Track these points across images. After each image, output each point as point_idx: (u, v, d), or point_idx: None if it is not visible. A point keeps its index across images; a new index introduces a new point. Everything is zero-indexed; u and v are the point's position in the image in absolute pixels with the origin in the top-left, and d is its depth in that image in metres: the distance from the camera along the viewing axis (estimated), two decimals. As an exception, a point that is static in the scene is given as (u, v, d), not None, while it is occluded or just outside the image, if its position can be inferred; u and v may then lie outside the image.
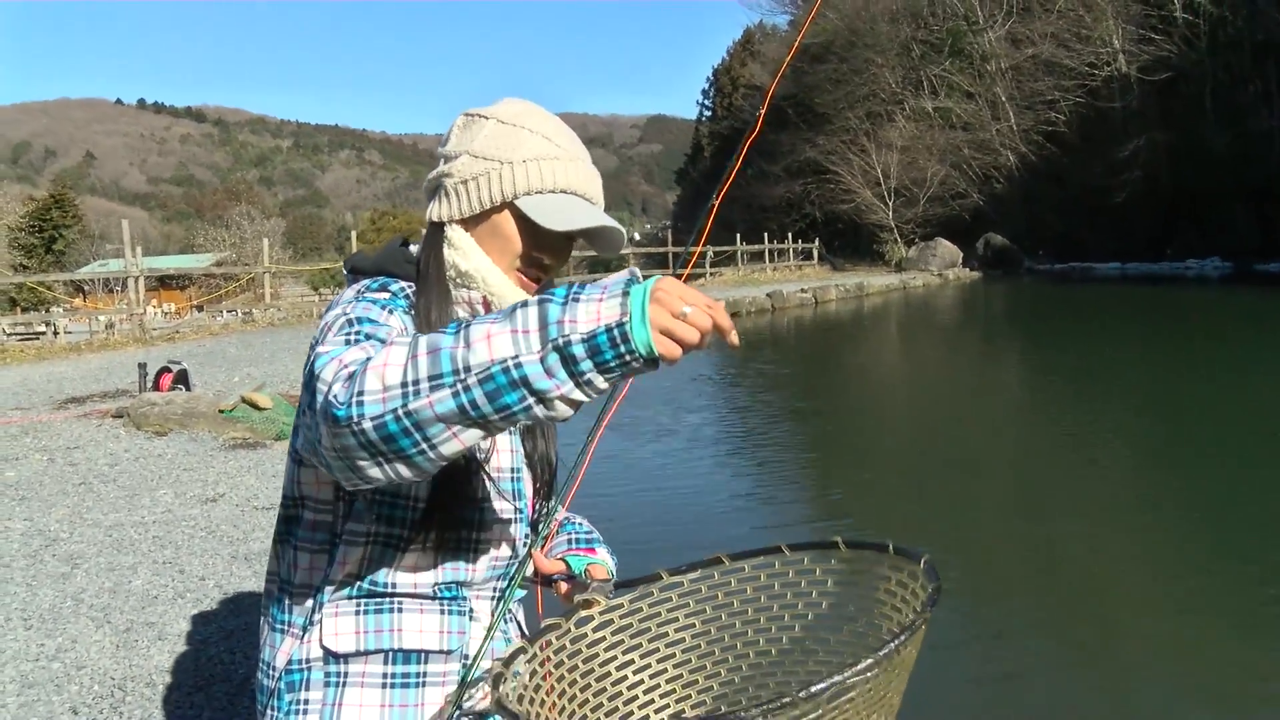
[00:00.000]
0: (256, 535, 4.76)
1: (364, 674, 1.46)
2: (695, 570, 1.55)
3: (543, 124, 1.51)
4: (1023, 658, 3.72)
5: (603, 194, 1.55)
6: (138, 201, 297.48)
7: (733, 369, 13.64)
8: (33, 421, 8.38)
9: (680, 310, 1.06)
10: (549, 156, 1.47)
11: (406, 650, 1.47)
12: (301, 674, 1.46)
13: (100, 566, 4.28)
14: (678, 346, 1.06)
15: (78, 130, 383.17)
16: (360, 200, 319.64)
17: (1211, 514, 5.64)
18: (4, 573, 4.21)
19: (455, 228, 1.49)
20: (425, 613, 1.48)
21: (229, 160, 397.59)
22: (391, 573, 1.46)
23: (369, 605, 1.47)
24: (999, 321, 23.02)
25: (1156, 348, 15.04)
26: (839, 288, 29.83)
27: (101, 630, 3.49)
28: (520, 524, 1.58)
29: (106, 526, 4.97)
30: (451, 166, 1.49)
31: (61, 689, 2.99)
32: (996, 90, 51.01)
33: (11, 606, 3.76)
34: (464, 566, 1.50)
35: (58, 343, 18.91)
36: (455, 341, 1.09)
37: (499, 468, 1.54)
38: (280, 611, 1.52)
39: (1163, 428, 8.50)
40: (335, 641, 1.45)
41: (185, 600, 3.82)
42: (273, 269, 24.94)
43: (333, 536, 1.48)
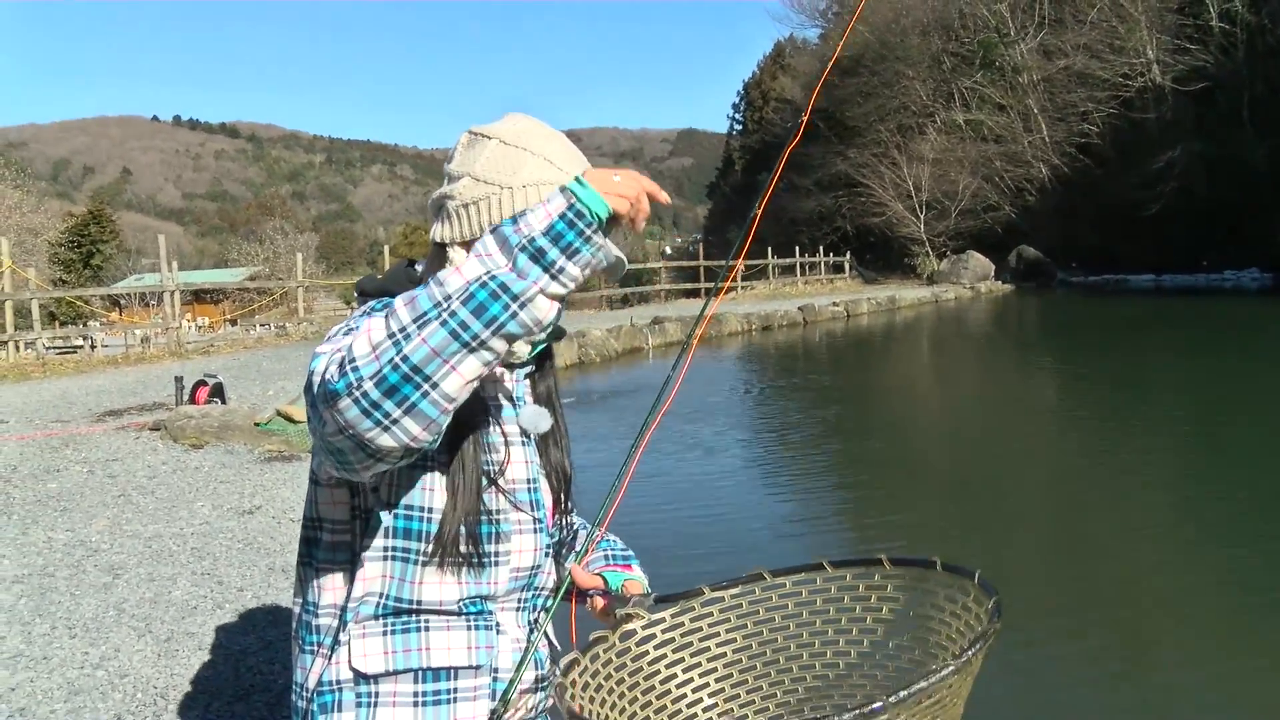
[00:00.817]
0: (293, 547, 4.77)
1: (395, 694, 1.47)
2: (737, 586, 1.55)
3: (544, 145, 1.50)
4: (1058, 669, 3.69)
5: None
6: (173, 217, 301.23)
7: (769, 383, 13.63)
8: (72, 434, 8.50)
9: (612, 179, 1.21)
10: (549, 181, 1.46)
11: (435, 668, 1.48)
12: (333, 695, 1.47)
13: (140, 577, 4.33)
14: (623, 200, 1.21)
15: (115, 147, 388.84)
16: (392, 215, 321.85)
17: (1250, 525, 5.57)
18: (49, 582, 4.27)
19: (457, 249, 1.50)
20: (452, 629, 1.49)
21: (262, 175, 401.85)
22: (414, 588, 1.47)
23: (396, 625, 1.48)
24: (1033, 335, 22.84)
25: (1194, 359, 14.86)
26: (871, 301, 29.71)
27: (143, 640, 3.53)
28: (540, 534, 1.59)
29: (146, 538, 5.03)
30: (454, 188, 1.49)
31: (106, 696, 3.03)
32: (1029, 102, 50.69)
33: (56, 615, 3.82)
34: (486, 579, 1.50)
35: (95, 356, 19.17)
36: (427, 287, 1.16)
37: (514, 479, 1.55)
38: (307, 633, 1.54)
39: (1202, 440, 8.42)
40: (365, 663, 1.46)
41: (224, 611, 3.86)
42: (306, 283, 25.18)
43: (353, 556, 1.49)
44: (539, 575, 1.61)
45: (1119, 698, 3.38)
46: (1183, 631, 4.09)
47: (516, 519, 1.54)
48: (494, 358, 1.18)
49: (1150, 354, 16.06)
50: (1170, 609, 4.35)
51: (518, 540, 1.54)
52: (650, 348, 18.70)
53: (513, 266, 1.14)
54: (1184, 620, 4.23)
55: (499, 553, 1.51)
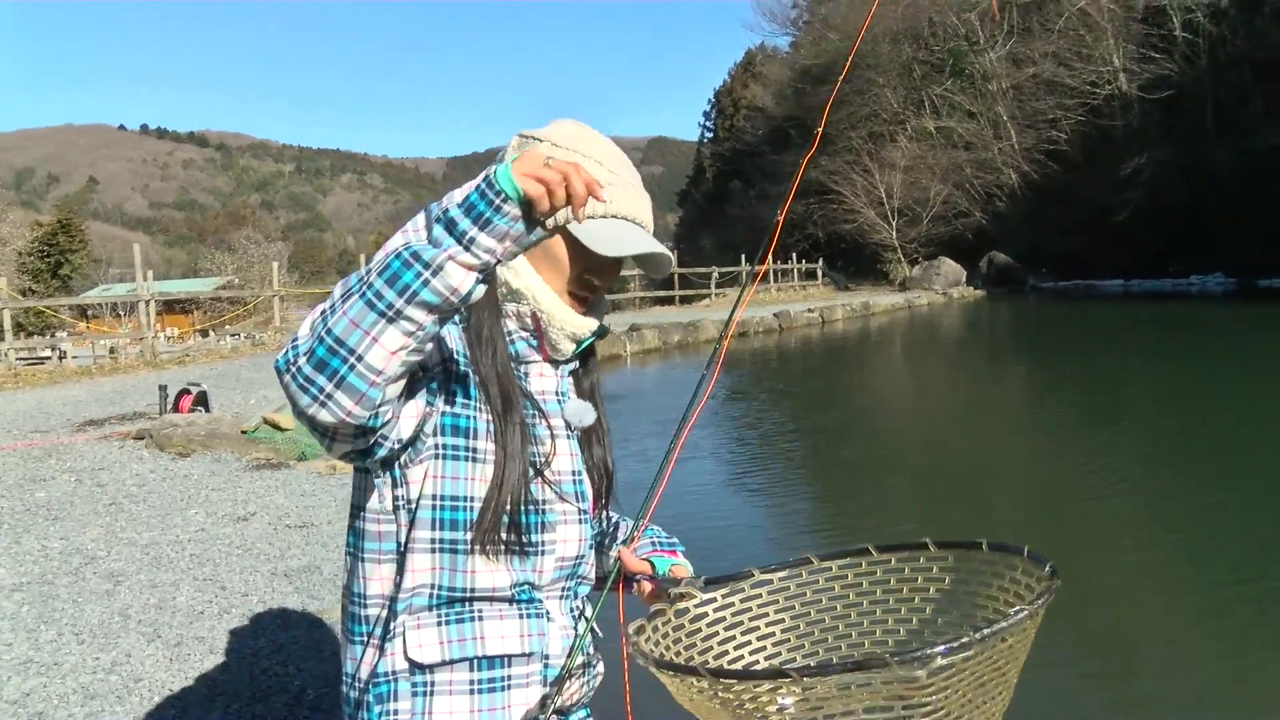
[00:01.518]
0: (292, 553, 4.79)
1: (451, 682, 1.50)
2: (784, 569, 1.59)
3: (596, 148, 1.56)
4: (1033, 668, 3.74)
5: (652, 218, 1.60)
6: (140, 226, 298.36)
7: (750, 388, 13.70)
8: (54, 444, 8.42)
9: (543, 160, 1.15)
10: (603, 183, 1.52)
11: (491, 656, 1.51)
12: (389, 685, 1.50)
13: (142, 583, 4.32)
14: (540, 185, 1.14)
15: (81, 156, 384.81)
16: (362, 224, 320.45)
17: (1224, 523, 5.68)
18: (49, 590, 4.25)
19: None
20: (505, 618, 1.52)
21: (231, 185, 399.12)
22: (466, 578, 1.50)
23: (449, 615, 1.50)
24: (1006, 339, 23.07)
25: (1162, 362, 15.09)
26: (845, 307, 29.89)
27: (153, 644, 3.52)
28: (585, 525, 1.62)
29: (142, 545, 5.01)
30: None
31: (122, 700, 3.03)
32: (998, 109, 51.24)
33: (62, 622, 3.80)
34: (532, 568, 1.53)
35: (68, 367, 18.96)
36: (360, 272, 1.19)
37: (559, 471, 1.58)
38: (357, 624, 1.56)
39: (1172, 440, 8.54)
40: (420, 653, 1.49)
41: (231, 616, 3.85)
42: (282, 292, 25.03)
43: (398, 546, 1.52)
44: (582, 565, 1.64)
45: (1095, 695, 3.42)
46: (1156, 628, 4.17)
47: (562, 510, 1.58)
48: (415, 328, 1.19)
49: (1119, 357, 16.28)
50: (1143, 607, 4.42)
51: (563, 530, 1.58)
52: (629, 354, 18.74)
53: (429, 236, 1.16)
54: (1157, 617, 4.31)
55: (545, 542, 1.55)
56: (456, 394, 1.46)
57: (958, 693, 1.12)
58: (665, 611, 1.52)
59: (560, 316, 1.54)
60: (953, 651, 1.06)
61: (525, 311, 1.54)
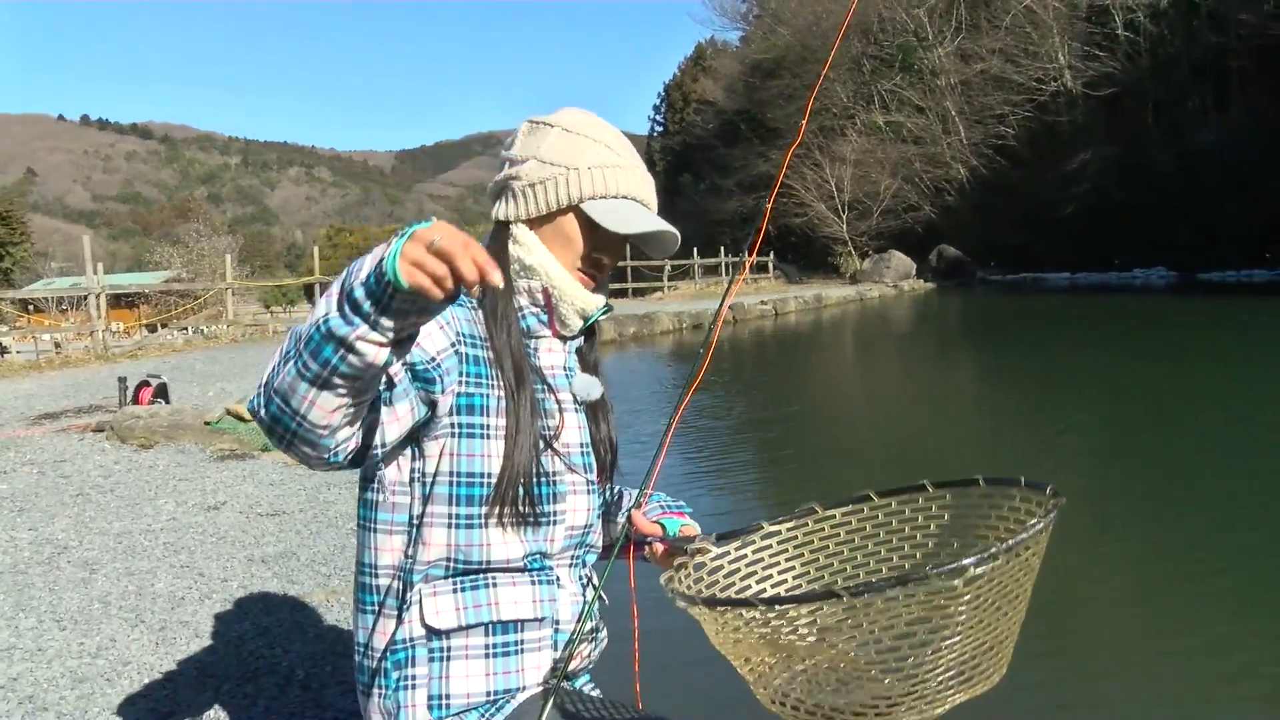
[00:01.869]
0: (267, 540, 4.81)
1: (467, 647, 1.58)
2: (791, 520, 1.66)
3: (603, 133, 1.63)
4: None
5: (656, 200, 1.67)
6: (83, 219, 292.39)
7: (709, 380, 13.84)
8: (10, 437, 8.32)
9: (430, 240, 1.11)
10: (612, 164, 1.60)
11: (505, 621, 1.58)
12: (406, 652, 1.57)
13: (118, 571, 4.32)
14: (424, 275, 1.11)
15: (18, 147, 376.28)
16: (311, 217, 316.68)
17: (1179, 506, 5.86)
18: (23, 579, 4.24)
19: (521, 226, 1.62)
20: (518, 585, 1.60)
21: (176, 178, 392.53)
22: (481, 550, 1.57)
23: (465, 583, 1.58)
24: (957, 330, 23.45)
25: (1108, 349, 15.44)
26: (798, 299, 30.17)
27: (137, 629, 3.54)
28: (593, 495, 1.71)
29: (114, 534, 5.00)
30: (519, 170, 1.61)
31: (113, 683, 3.05)
32: (947, 105, 51.85)
33: (41, 610, 3.80)
34: (544, 537, 1.61)
35: (14, 361, 18.63)
36: (305, 321, 1.23)
37: (568, 443, 1.66)
38: (369, 594, 1.63)
39: (1117, 430, 8.76)
40: (437, 619, 1.56)
41: (212, 601, 3.88)
42: (235, 285, 24.73)
43: (410, 519, 1.59)
44: (590, 534, 1.73)
45: (1054, 695, 3.47)
46: (1111, 625, 4.23)
47: (571, 480, 1.66)
48: (345, 392, 1.22)
49: (1068, 347, 16.61)
50: (1096, 603, 4.49)
51: (573, 500, 1.66)
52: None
53: (340, 309, 1.17)
54: (1111, 614, 4.36)
55: (556, 512, 1.63)
56: (469, 374, 1.54)
57: (987, 601, 1.20)
58: (685, 565, 1.60)
59: (571, 292, 1.62)
60: (983, 561, 1.14)
61: (536, 287, 1.62)
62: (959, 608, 1.18)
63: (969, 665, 1.26)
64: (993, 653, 1.28)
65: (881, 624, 1.22)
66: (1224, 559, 4.83)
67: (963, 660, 1.25)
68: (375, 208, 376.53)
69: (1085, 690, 3.48)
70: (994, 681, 1.31)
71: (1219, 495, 6.03)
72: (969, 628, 1.22)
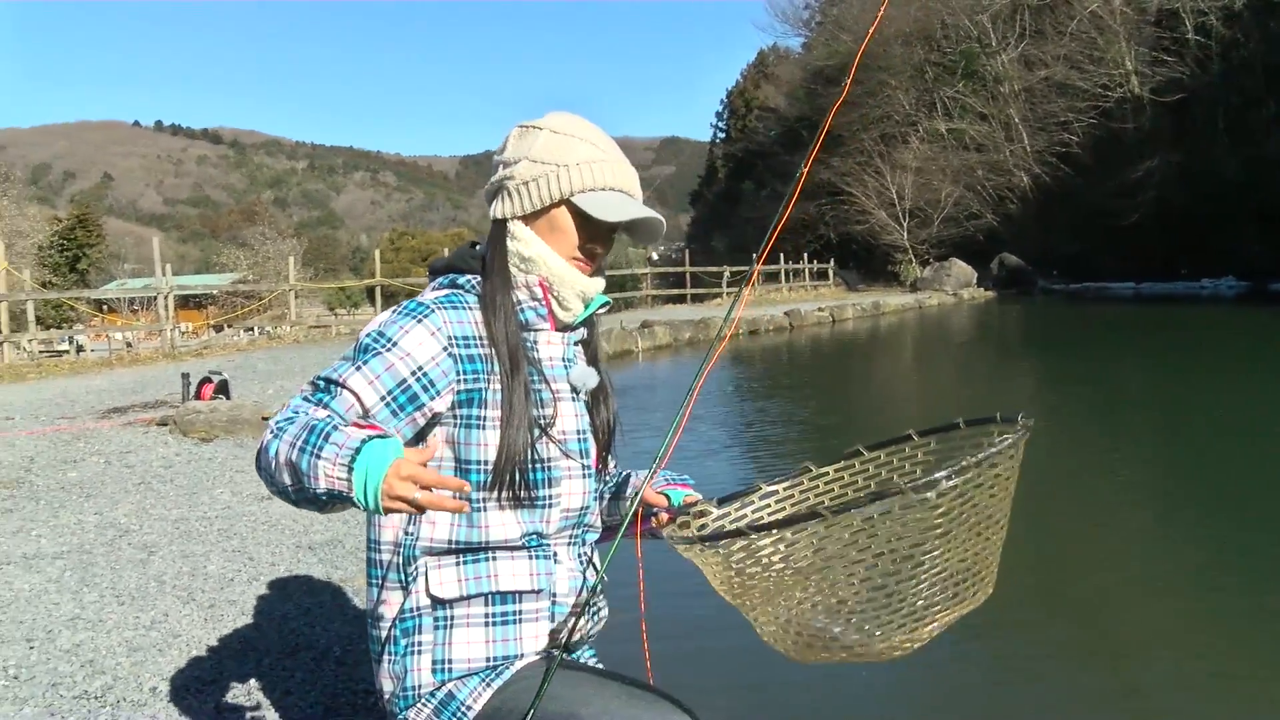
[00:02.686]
0: (316, 528, 5.03)
1: (468, 615, 1.72)
2: (787, 480, 1.78)
3: (588, 132, 1.76)
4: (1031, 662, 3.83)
5: (640, 192, 1.80)
6: (154, 222, 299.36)
7: (761, 383, 13.92)
8: (81, 429, 8.68)
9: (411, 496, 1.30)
10: (598, 160, 1.73)
11: (504, 592, 1.72)
12: (414, 620, 1.72)
13: (174, 554, 4.56)
14: (404, 506, 1.31)
15: (96, 152, 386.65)
16: (375, 221, 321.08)
17: (1222, 521, 5.80)
18: (88, 558, 4.49)
19: (517, 223, 1.76)
20: (516, 559, 1.74)
21: (244, 182, 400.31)
22: (480, 530, 1.71)
23: (467, 557, 1.72)
24: (1016, 339, 23.20)
25: (1173, 363, 15.21)
26: (855, 306, 30.07)
27: (189, 606, 3.76)
28: (589, 479, 1.82)
29: (173, 520, 5.25)
30: (512, 170, 1.74)
31: (164, 653, 3.27)
32: (1010, 112, 51.27)
33: (102, 586, 4.05)
34: (540, 519, 1.74)
35: (88, 358, 19.27)
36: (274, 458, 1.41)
37: (564, 430, 1.78)
38: (375, 569, 1.79)
39: (1177, 439, 8.66)
40: (441, 589, 1.71)
41: (259, 583, 4.09)
42: (298, 286, 25.30)
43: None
44: (588, 514, 1.86)
45: (1092, 691, 3.47)
46: (1157, 626, 4.18)
47: (566, 466, 1.79)
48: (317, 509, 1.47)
49: (1129, 358, 16.41)
50: (1142, 604, 4.44)
51: (567, 484, 1.79)
52: (640, 350, 18.97)
53: (303, 493, 1.38)
54: (1158, 615, 4.33)
55: (551, 495, 1.76)
56: (465, 372, 1.68)
57: (963, 518, 1.29)
58: (689, 524, 1.73)
59: (569, 277, 1.76)
60: (956, 474, 1.23)
61: (534, 281, 1.75)
62: (936, 521, 1.27)
63: (954, 583, 1.35)
64: (975, 571, 1.37)
65: (862, 544, 1.30)
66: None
67: (947, 578, 1.34)
68: (439, 212, 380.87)
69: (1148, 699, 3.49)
70: (979, 600, 1.40)
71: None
72: (948, 545, 1.30)
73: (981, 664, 3.72)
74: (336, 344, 20.00)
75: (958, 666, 3.63)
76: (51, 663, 3.20)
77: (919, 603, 1.34)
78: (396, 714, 1.74)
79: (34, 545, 4.77)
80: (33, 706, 2.86)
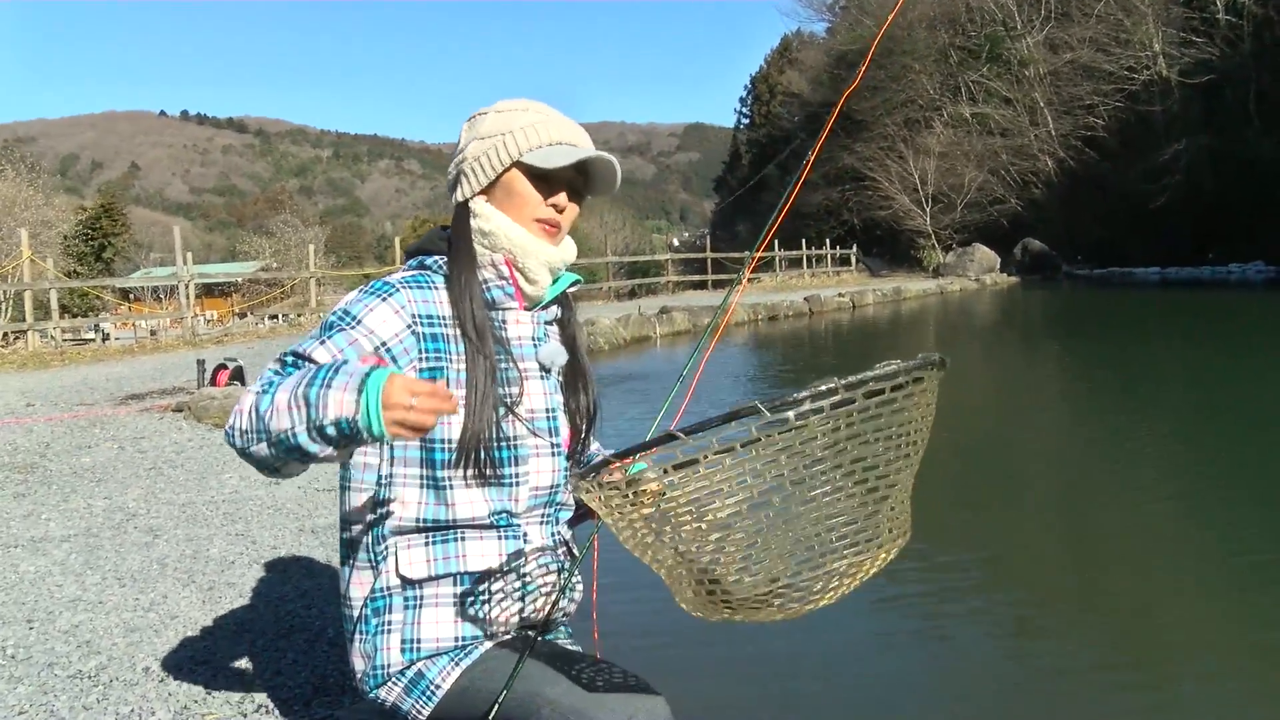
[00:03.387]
0: (320, 512, 5.06)
1: (437, 595, 1.73)
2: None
3: (532, 105, 1.79)
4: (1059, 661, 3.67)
5: (591, 143, 1.80)
6: (181, 211, 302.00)
7: (779, 367, 13.88)
8: (98, 415, 8.78)
9: (409, 403, 1.32)
10: (540, 121, 1.75)
11: (472, 572, 1.74)
12: (384, 600, 1.74)
13: (179, 537, 4.60)
14: (406, 430, 1.34)
15: (123, 142, 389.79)
16: (400, 209, 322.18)
17: (1257, 514, 5.65)
18: (94, 541, 4.55)
19: (477, 200, 1.78)
20: (485, 539, 1.74)
21: (270, 170, 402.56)
22: (448, 509, 1.72)
23: (435, 537, 1.73)
24: (1039, 325, 23.01)
25: (1201, 349, 15.02)
26: (876, 292, 29.93)
27: (188, 589, 3.80)
28: (558, 458, 1.83)
29: (180, 504, 5.30)
30: (464, 154, 1.78)
31: (160, 633, 3.30)
32: (1035, 96, 50.83)
33: (105, 568, 4.09)
34: (508, 497, 1.74)
35: (111, 346, 19.47)
36: (270, 404, 1.41)
37: (532, 409, 1.78)
38: (350, 550, 1.80)
39: (1208, 428, 8.43)
40: (410, 569, 1.72)
41: (259, 566, 4.12)
42: (319, 274, 25.42)
43: (379, 478, 1.74)
44: (558, 493, 1.86)
45: (1121, 692, 3.35)
46: (1187, 625, 4.05)
47: (534, 444, 1.79)
48: (302, 468, 1.49)
49: (1156, 345, 16.23)
50: (1174, 602, 4.33)
51: (535, 463, 1.79)
52: (658, 336, 18.95)
53: (307, 431, 1.37)
54: (1188, 613, 4.20)
55: (518, 474, 1.76)
56: (427, 351, 1.69)
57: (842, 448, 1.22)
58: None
59: (533, 247, 1.76)
60: (818, 396, 1.18)
61: (499, 260, 1.76)
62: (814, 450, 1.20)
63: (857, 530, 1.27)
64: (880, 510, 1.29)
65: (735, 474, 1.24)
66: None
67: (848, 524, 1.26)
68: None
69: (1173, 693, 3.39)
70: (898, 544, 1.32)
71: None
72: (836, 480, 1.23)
73: (1014, 665, 3.62)
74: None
75: (990, 668, 3.56)
76: (49, 643, 3.24)
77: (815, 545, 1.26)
78: (367, 692, 1.75)
79: (42, 529, 4.83)
80: (26, 685, 2.89)
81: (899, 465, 1.30)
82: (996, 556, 4.88)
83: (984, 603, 4.19)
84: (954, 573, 4.51)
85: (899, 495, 1.33)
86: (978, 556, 4.85)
